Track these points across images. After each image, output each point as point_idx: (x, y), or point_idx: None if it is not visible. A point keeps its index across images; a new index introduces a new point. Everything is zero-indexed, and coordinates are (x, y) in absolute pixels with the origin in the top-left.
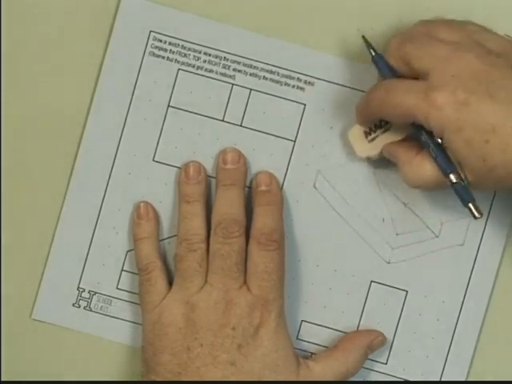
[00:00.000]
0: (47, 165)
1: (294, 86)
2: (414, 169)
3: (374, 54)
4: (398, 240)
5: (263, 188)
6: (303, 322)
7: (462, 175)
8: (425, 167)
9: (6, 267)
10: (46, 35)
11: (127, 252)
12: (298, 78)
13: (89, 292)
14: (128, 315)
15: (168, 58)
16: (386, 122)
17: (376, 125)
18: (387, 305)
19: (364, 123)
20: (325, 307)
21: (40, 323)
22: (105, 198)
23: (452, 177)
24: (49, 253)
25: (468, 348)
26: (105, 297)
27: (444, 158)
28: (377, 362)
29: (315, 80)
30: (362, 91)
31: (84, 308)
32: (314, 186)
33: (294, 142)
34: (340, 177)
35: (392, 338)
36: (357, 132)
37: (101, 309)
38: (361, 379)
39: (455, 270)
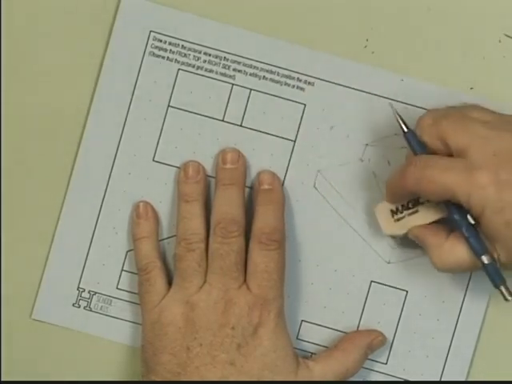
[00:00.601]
0: (47, 165)
1: (294, 86)
2: (446, 253)
3: (406, 130)
4: (398, 240)
5: (265, 187)
6: (303, 322)
7: (496, 256)
8: (457, 250)
9: (5, 267)
10: (46, 35)
11: (127, 252)
12: (298, 78)
13: (89, 292)
14: (128, 315)
15: (168, 57)
16: (414, 205)
17: (403, 206)
18: (387, 305)
19: (394, 200)
20: (325, 307)
21: (40, 323)
22: (105, 198)
23: (484, 258)
24: (49, 253)
25: (468, 348)
26: (105, 297)
27: (477, 238)
28: (377, 361)
29: (315, 80)
30: (363, 91)
31: (84, 308)
32: (314, 186)
33: (294, 142)
34: (340, 177)
35: (392, 338)
36: (384, 208)
37: (101, 309)
38: (361, 379)
39: None
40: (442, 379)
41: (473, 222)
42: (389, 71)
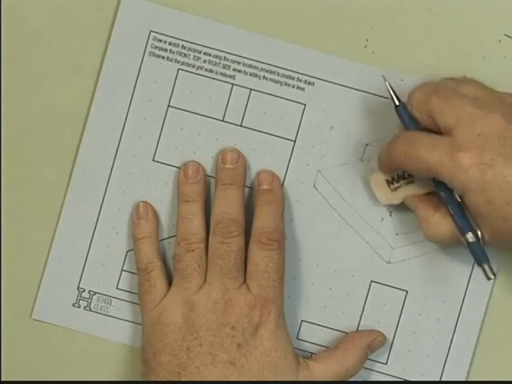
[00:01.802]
0: (47, 165)
1: (294, 86)
2: (432, 226)
3: (397, 103)
4: (398, 240)
5: (265, 187)
6: (303, 322)
7: (479, 234)
8: (442, 225)
9: (5, 267)
10: (46, 35)
11: (127, 252)
12: (298, 78)
13: (89, 292)
14: (128, 315)
15: (168, 57)
16: (410, 175)
17: (399, 175)
18: (387, 305)
19: (386, 173)
20: (325, 307)
21: (40, 323)
22: (105, 198)
23: (469, 236)
24: (49, 253)
25: (468, 348)
26: (105, 297)
27: (462, 216)
28: (377, 361)
29: (315, 80)
30: (363, 91)
31: (84, 308)
32: (314, 186)
33: (294, 142)
34: (340, 177)
35: (392, 338)
36: (379, 179)
37: (101, 309)
38: (361, 379)
39: (455, 270)
40: (442, 379)
41: (459, 199)
42: (389, 71)
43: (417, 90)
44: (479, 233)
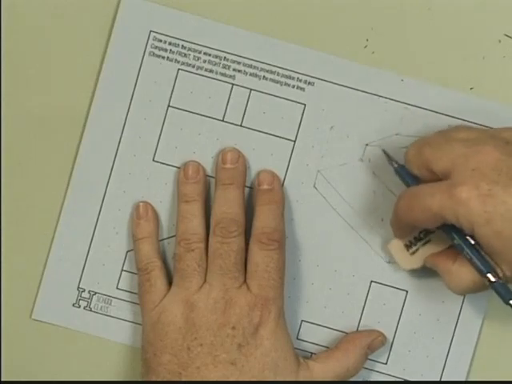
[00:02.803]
0: (47, 165)
1: (294, 86)
2: (454, 276)
3: (395, 165)
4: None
5: (265, 187)
6: (303, 322)
7: (500, 272)
8: (463, 274)
9: (5, 267)
10: (46, 35)
11: (127, 252)
12: (298, 78)
13: (89, 292)
14: (128, 315)
15: (168, 57)
16: (426, 235)
17: (416, 238)
18: (387, 305)
19: (401, 236)
20: (325, 307)
21: (40, 323)
22: (105, 198)
23: (490, 276)
24: (49, 253)
25: (468, 348)
26: (105, 297)
27: (479, 258)
28: (377, 361)
29: (315, 80)
30: (363, 91)
31: (84, 308)
32: (314, 186)
33: (294, 142)
34: (340, 177)
35: (392, 338)
36: (397, 245)
37: (101, 309)
38: (361, 379)
39: None
40: (442, 379)
41: (473, 242)
42: (389, 71)
43: (410, 147)
44: (499, 270)
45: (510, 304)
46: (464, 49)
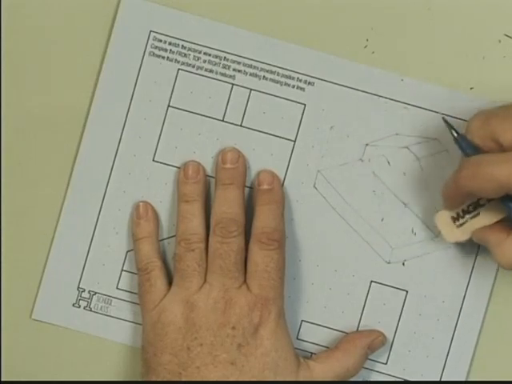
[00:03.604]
0: (47, 165)
1: (294, 86)
2: (507, 250)
3: (456, 135)
4: (398, 240)
5: (265, 187)
6: (303, 322)
7: None
8: None
9: (5, 267)
10: (46, 35)
11: (127, 252)
12: (298, 78)
13: (89, 292)
14: (128, 315)
15: (168, 57)
16: (475, 208)
17: (464, 210)
18: (387, 305)
19: (453, 206)
20: (325, 307)
21: (40, 323)
22: (105, 198)
23: None
24: (49, 253)
25: (468, 348)
26: (105, 297)
27: None
28: (377, 361)
29: (315, 80)
30: (363, 91)
31: (84, 308)
32: (314, 186)
33: (294, 142)
34: (340, 177)
35: (392, 338)
36: (444, 217)
37: (101, 309)
38: (361, 379)
39: (455, 270)
40: (442, 379)
41: None
42: (389, 71)
43: (474, 117)
44: None
45: None
46: (464, 49)
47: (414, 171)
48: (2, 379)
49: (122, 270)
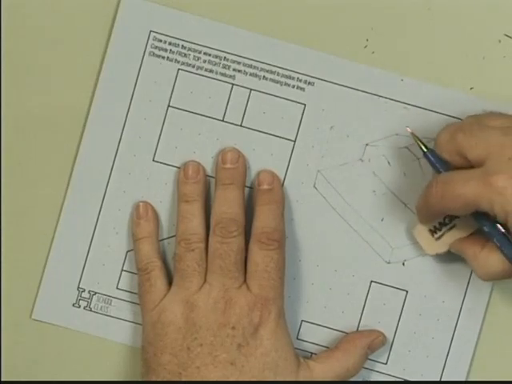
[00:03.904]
0: (47, 165)
1: (294, 86)
2: (481, 262)
3: (425, 150)
4: (398, 240)
5: (265, 187)
6: (303, 322)
7: None
8: (491, 260)
9: (5, 267)
10: (46, 35)
11: (127, 252)
12: (298, 78)
13: (89, 292)
14: (128, 315)
15: (168, 57)
16: (451, 220)
17: (441, 222)
18: (387, 305)
19: (427, 222)
20: (325, 307)
21: (40, 323)
22: (105, 198)
23: None
24: (49, 253)
25: (468, 348)
26: (105, 297)
27: (509, 246)
28: (377, 361)
29: (315, 80)
30: (363, 91)
31: (84, 308)
32: (314, 186)
33: (294, 142)
34: (340, 177)
35: (392, 338)
36: (422, 230)
37: (101, 309)
38: (361, 379)
39: (455, 270)
40: (442, 379)
41: (503, 230)
42: (389, 71)
43: (442, 131)
44: None
45: None
46: (464, 49)
47: (414, 171)
48: (2, 379)
49: (122, 270)
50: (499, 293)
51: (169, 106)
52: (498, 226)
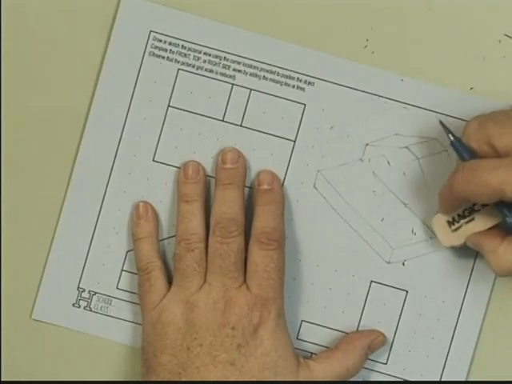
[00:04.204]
0: (47, 165)
1: (294, 86)
2: (500, 258)
3: (452, 138)
4: (398, 240)
5: (265, 187)
6: (303, 322)
7: None
8: (510, 254)
9: (5, 267)
10: (46, 35)
11: (127, 252)
12: (298, 78)
13: (89, 292)
14: (128, 315)
15: (168, 57)
16: (470, 213)
17: (459, 215)
18: (387, 305)
19: (448, 210)
20: (325, 307)
21: (40, 323)
22: (105, 198)
23: None
24: (49, 253)
25: (468, 348)
26: (105, 297)
27: None
28: (377, 361)
29: (315, 80)
30: (363, 91)
31: (84, 308)
32: (314, 186)
33: (294, 142)
34: (340, 177)
35: (392, 338)
36: (440, 221)
37: (101, 309)
38: (361, 379)
39: (455, 270)
40: (442, 379)
41: None
42: (389, 71)
43: (471, 120)
44: None
45: None
46: (464, 49)
47: (414, 171)
48: (2, 379)
49: (122, 270)
50: (499, 293)
51: (169, 106)
52: None
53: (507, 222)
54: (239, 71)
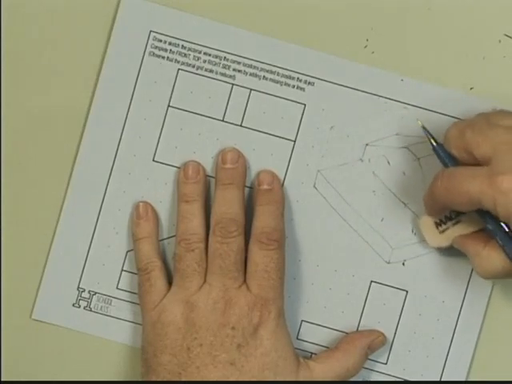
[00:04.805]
0: (47, 165)
1: (294, 86)
2: (483, 261)
3: (434, 144)
4: (398, 240)
5: (265, 187)
6: (303, 322)
7: None
8: (493, 258)
9: (5, 267)
10: (46, 35)
11: (127, 252)
12: (298, 78)
13: (89, 292)
14: (128, 315)
15: (168, 57)
16: (457, 214)
17: (447, 217)
18: (387, 305)
19: (433, 214)
20: (325, 307)
21: (40, 323)
22: (105, 198)
23: None
24: (49, 253)
25: (468, 348)
26: (105, 297)
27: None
28: (377, 361)
29: (315, 80)
30: (363, 91)
31: (84, 308)
32: (314, 186)
33: (294, 142)
34: (340, 177)
35: (392, 338)
36: (427, 222)
37: (101, 309)
38: (361, 379)
39: (455, 270)
40: (442, 379)
41: (507, 229)
42: (389, 71)
43: (451, 127)
44: None
45: None
46: (464, 49)
47: (414, 171)
48: (2, 379)
49: (122, 269)
50: (499, 293)
51: (169, 106)
52: (502, 224)
53: (488, 229)
54: (239, 71)
